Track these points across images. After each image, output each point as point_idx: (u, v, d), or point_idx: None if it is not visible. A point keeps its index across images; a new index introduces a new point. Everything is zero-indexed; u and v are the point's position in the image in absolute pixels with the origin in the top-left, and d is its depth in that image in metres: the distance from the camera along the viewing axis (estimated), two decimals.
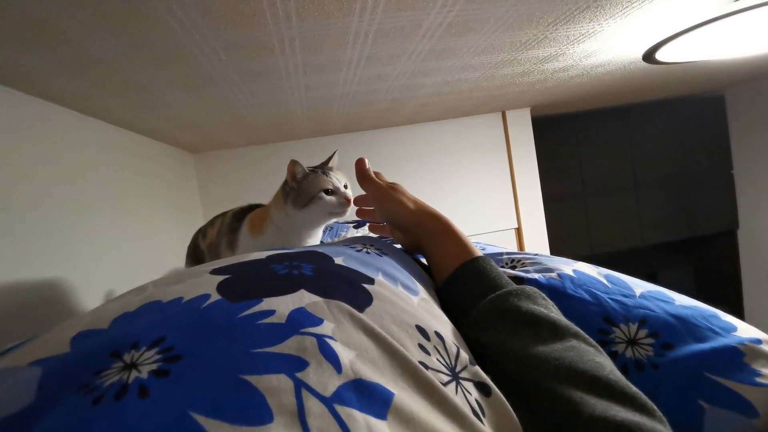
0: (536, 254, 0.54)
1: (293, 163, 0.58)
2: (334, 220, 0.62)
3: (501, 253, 0.57)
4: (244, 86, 0.89)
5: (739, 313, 2.26)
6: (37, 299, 0.70)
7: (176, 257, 1.27)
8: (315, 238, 0.65)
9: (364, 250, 0.41)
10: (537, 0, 0.68)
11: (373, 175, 0.52)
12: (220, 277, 0.31)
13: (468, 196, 1.75)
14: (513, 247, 1.76)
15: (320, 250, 0.39)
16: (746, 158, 2.17)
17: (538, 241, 1.76)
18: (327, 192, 0.58)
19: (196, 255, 0.75)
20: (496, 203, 1.76)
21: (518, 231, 1.77)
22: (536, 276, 0.45)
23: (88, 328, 0.25)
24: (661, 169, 2.15)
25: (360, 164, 0.52)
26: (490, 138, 1.75)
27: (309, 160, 1.89)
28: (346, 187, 0.61)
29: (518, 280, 0.46)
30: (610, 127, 2.10)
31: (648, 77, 1.44)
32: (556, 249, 1.79)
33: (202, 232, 0.75)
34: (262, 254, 0.37)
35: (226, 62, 0.74)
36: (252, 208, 0.69)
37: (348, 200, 0.59)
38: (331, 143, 1.68)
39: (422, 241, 0.47)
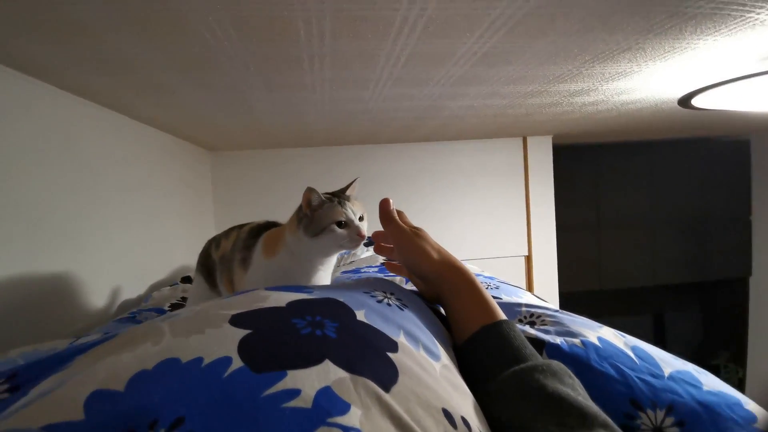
0: (557, 311, 0.52)
1: (309, 191, 0.56)
2: (346, 251, 0.60)
3: (519, 304, 0.55)
4: (268, 96, 0.89)
5: (742, 361, 2.22)
6: (46, 292, 0.70)
7: (185, 255, 1.26)
8: (328, 265, 0.63)
9: (385, 300, 0.40)
10: (577, 37, 0.66)
11: (397, 217, 0.50)
12: (241, 333, 0.29)
13: (480, 218, 1.72)
14: (521, 275, 1.73)
15: (341, 300, 0.37)
16: (766, 205, 2.13)
17: (547, 271, 1.73)
18: (339, 224, 0.56)
19: (207, 264, 0.73)
20: (508, 229, 1.72)
21: (528, 259, 1.74)
22: (558, 341, 0.44)
23: (103, 388, 0.24)
24: (679, 208, 2.11)
25: (384, 205, 0.51)
26: (509, 162, 1.72)
27: (322, 167, 1.86)
28: (361, 219, 0.59)
29: (539, 342, 0.44)
30: (631, 161, 2.07)
31: (677, 117, 1.41)
32: (564, 280, 1.76)
33: (215, 242, 0.73)
34: (282, 299, 0.36)
35: (253, 72, 0.73)
36: (269, 226, 0.67)
37: (360, 235, 0.57)
38: (346, 153, 1.67)
39: (443, 293, 0.45)
